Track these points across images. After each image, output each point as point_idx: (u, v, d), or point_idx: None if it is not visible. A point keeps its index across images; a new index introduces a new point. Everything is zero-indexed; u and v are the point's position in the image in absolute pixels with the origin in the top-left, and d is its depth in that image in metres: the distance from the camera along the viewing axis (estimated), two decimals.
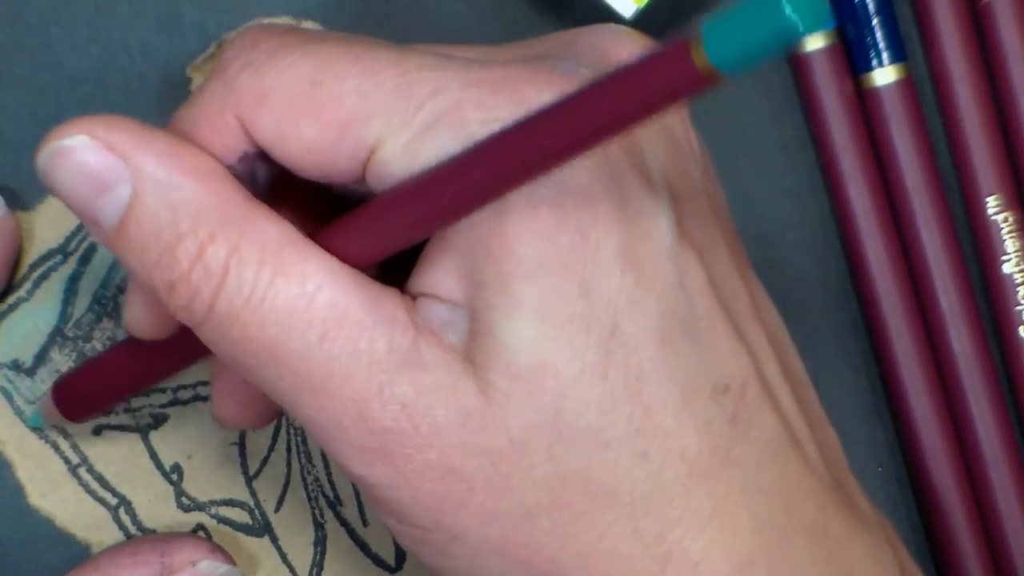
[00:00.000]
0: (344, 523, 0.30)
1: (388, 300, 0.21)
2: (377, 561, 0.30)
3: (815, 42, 0.28)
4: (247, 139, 0.22)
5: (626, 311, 0.20)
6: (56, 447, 0.29)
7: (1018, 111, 0.28)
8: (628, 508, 0.20)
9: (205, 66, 0.29)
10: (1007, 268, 0.28)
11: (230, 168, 0.22)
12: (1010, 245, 0.28)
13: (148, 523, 0.29)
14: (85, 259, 0.28)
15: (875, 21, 0.27)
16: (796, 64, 0.28)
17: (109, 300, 0.28)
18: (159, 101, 0.28)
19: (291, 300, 0.21)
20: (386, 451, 0.21)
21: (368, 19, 0.28)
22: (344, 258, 0.21)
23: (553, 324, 0.20)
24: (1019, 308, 0.29)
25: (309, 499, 0.30)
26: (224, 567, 0.27)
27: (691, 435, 0.20)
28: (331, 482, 0.30)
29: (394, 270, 0.22)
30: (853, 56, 0.28)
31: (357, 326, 0.21)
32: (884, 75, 0.28)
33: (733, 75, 0.17)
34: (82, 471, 0.29)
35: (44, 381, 0.28)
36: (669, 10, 0.28)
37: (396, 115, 0.20)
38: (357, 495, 0.30)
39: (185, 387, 0.29)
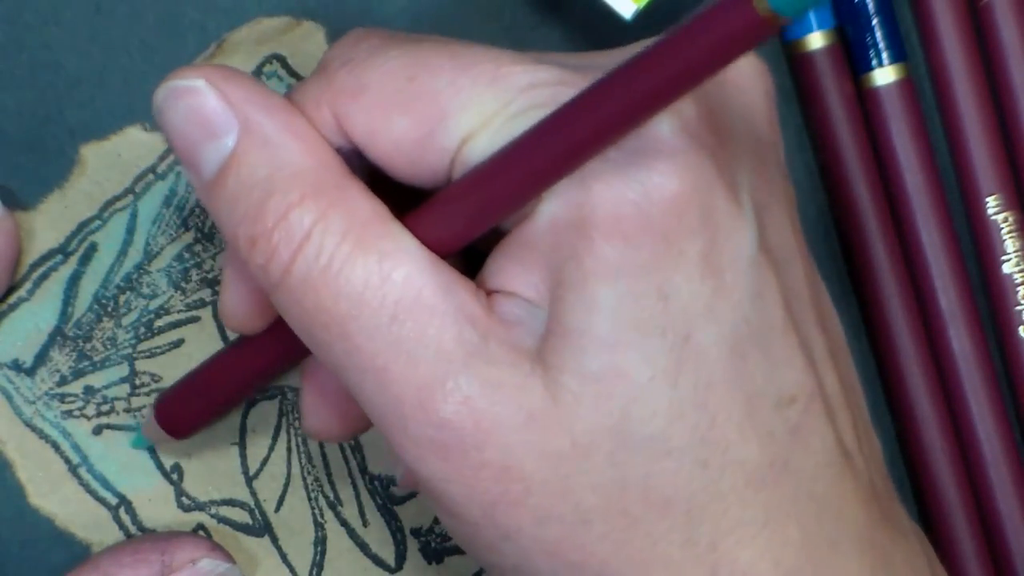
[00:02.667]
0: (344, 523, 0.30)
1: (463, 290, 0.21)
2: (377, 561, 0.30)
3: (815, 42, 0.28)
4: (342, 135, 0.22)
5: (702, 319, 0.20)
6: (57, 447, 0.29)
7: (1018, 111, 0.28)
8: (684, 516, 0.20)
9: None
10: (1007, 268, 0.28)
11: None
12: (1010, 245, 0.28)
13: (148, 523, 0.29)
14: (86, 259, 0.28)
15: (875, 21, 0.27)
16: (796, 64, 0.28)
17: (109, 300, 0.29)
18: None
19: (366, 276, 0.20)
20: (444, 445, 0.20)
21: (368, 20, 0.28)
22: (427, 243, 0.21)
23: (629, 328, 0.20)
24: (1019, 308, 0.28)
25: (309, 499, 0.30)
26: (224, 565, 0.27)
27: (753, 446, 0.20)
28: (331, 482, 0.30)
29: (472, 266, 0.22)
30: (853, 56, 0.28)
31: (428, 312, 0.20)
32: (884, 75, 0.28)
33: (792, 18, 0.17)
34: (83, 471, 0.29)
35: (44, 381, 0.29)
36: (669, 10, 0.28)
37: (488, 107, 0.20)
38: (357, 496, 0.30)
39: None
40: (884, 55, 0.28)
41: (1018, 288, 0.28)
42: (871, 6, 0.28)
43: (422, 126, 0.21)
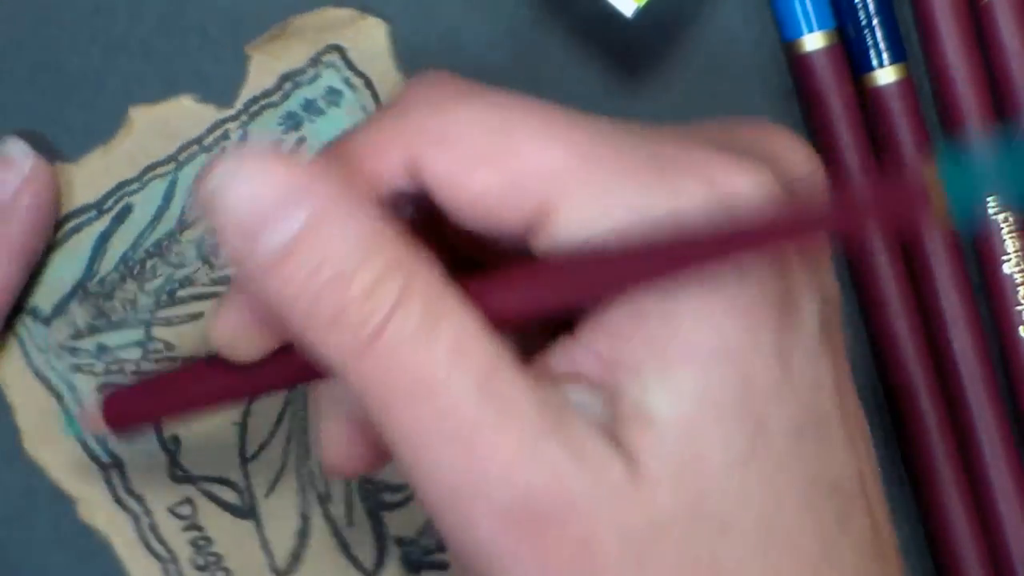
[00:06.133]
0: (330, 519, 0.30)
1: (536, 367, 0.21)
2: (355, 562, 0.30)
3: (815, 42, 0.28)
4: (408, 177, 0.22)
5: (773, 404, 0.21)
6: (60, 398, 0.29)
7: (1018, 111, 0.28)
8: None
9: (266, 46, 0.29)
10: (1007, 268, 0.28)
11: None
12: (1010, 245, 0.28)
13: (138, 488, 0.29)
14: (119, 219, 0.29)
15: (875, 21, 0.28)
16: (796, 64, 0.29)
17: (136, 263, 0.29)
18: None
19: (454, 345, 0.20)
20: (529, 516, 0.20)
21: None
22: (494, 312, 0.21)
23: (712, 413, 0.20)
24: (1019, 308, 0.28)
25: (300, 489, 0.29)
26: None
27: (808, 532, 0.21)
28: (324, 477, 0.30)
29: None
30: (853, 56, 0.28)
31: (510, 384, 0.20)
32: (884, 75, 0.28)
33: (966, 217, 0.16)
34: None
35: (59, 331, 0.29)
36: (670, 9, 0.28)
37: (579, 180, 0.21)
38: (348, 494, 0.30)
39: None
40: (884, 55, 0.28)
41: (1018, 288, 0.28)
42: (871, 6, 0.28)
43: (506, 183, 0.21)
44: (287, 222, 0.21)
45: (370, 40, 0.29)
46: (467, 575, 0.21)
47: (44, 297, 0.29)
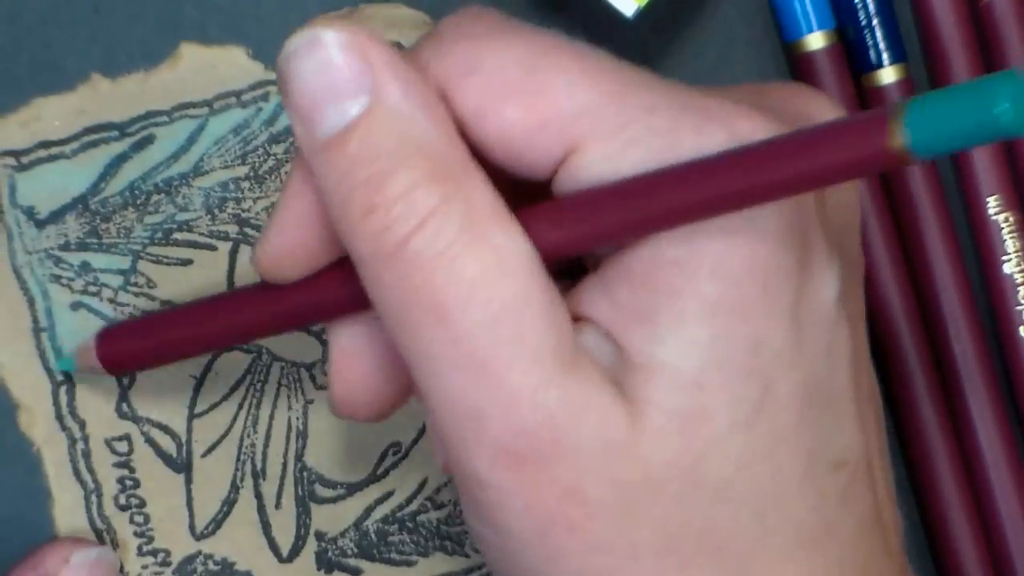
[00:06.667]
0: (259, 496, 0.29)
1: (561, 308, 0.21)
2: (272, 545, 0.29)
3: (815, 42, 0.28)
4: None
5: (782, 370, 0.20)
6: (31, 303, 0.29)
7: None
8: (732, 565, 0.20)
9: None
10: (1007, 268, 0.28)
11: None
12: (1010, 245, 0.28)
13: (81, 412, 0.29)
14: (139, 146, 0.29)
15: (875, 21, 0.28)
16: (796, 64, 0.29)
17: (142, 194, 0.29)
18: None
19: (482, 270, 0.20)
20: (518, 455, 0.20)
21: None
22: (538, 246, 0.21)
23: (720, 370, 0.20)
24: (1019, 308, 0.28)
25: (237, 459, 0.29)
26: (94, 550, 0.27)
27: (807, 505, 0.21)
28: (264, 454, 0.29)
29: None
30: (853, 56, 0.29)
31: (531, 320, 0.20)
32: (884, 75, 0.28)
33: (925, 159, 0.17)
34: (44, 336, 0.29)
35: (49, 238, 0.29)
36: (669, 10, 0.29)
37: (606, 121, 0.20)
38: (283, 477, 0.29)
39: (176, 305, 0.29)
40: (884, 55, 0.28)
41: (1018, 288, 0.28)
42: (871, 6, 0.28)
43: (533, 120, 0.20)
44: (349, 104, 0.20)
45: None
46: (469, 502, 0.21)
47: (44, 201, 0.29)
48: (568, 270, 0.22)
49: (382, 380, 0.23)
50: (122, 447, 0.29)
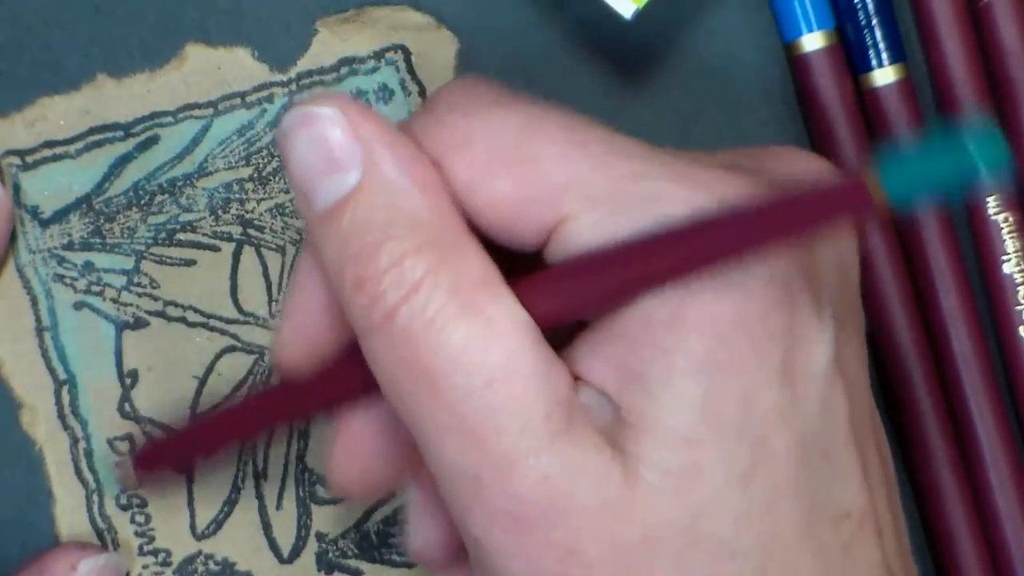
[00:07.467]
0: (260, 497, 0.29)
1: (557, 371, 0.21)
2: (272, 546, 0.28)
3: (815, 42, 0.28)
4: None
5: (776, 426, 0.21)
6: (35, 302, 0.29)
7: (1018, 111, 0.28)
8: None
9: (336, 26, 0.29)
10: (1007, 268, 0.28)
11: None
12: (1010, 245, 0.28)
13: (83, 412, 0.29)
14: (143, 146, 0.29)
15: (875, 21, 0.28)
16: (796, 64, 0.29)
17: (146, 194, 0.29)
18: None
19: (468, 338, 0.20)
20: (514, 518, 0.20)
21: None
22: (531, 314, 0.21)
23: (713, 427, 0.20)
24: (1019, 308, 0.27)
25: (239, 460, 0.29)
26: (102, 557, 0.27)
27: (808, 559, 0.21)
28: (266, 455, 0.29)
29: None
30: (853, 56, 0.29)
31: (523, 386, 0.20)
32: (884, 75, 0.28)
33: (905, 209, 0.18)
34: (47, 336, 0.29)
35: (53, 238, 0.29)
36: (669, 10, 0.29)
37: (594, 190, 0.21)
38: (284, 478, 0.29)
39: (177, 306, 0.29)
40: (884, 55, 0.28)
41: (1018, 288, 0.27)
42: (871, 6, 0.28)
43: (524, 191, 0.21)
44: (342, 177, 0.21)
45: (439, 51, 0.29)
46: (475, 562, 0.21)
47: (48, 200, 0.29)
48: (570, 327, 0.22)
49: (381, 466, 0.23)
50: (124, 447, 0.29)
